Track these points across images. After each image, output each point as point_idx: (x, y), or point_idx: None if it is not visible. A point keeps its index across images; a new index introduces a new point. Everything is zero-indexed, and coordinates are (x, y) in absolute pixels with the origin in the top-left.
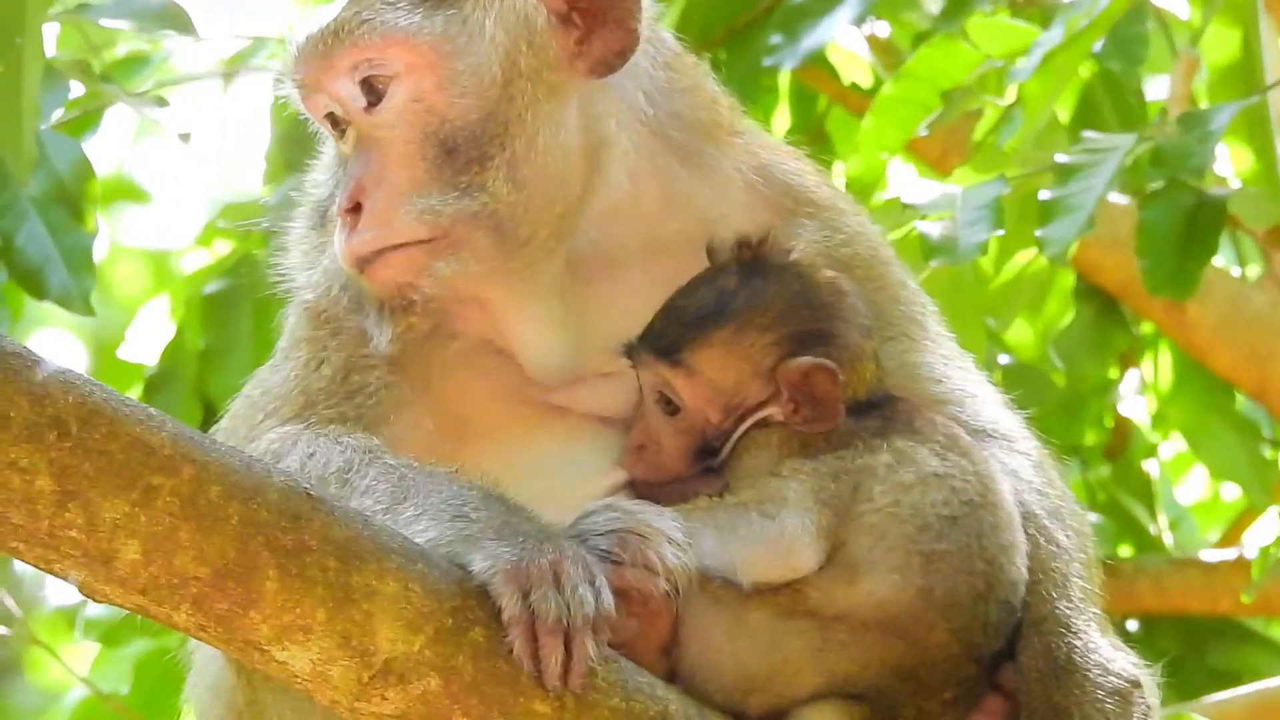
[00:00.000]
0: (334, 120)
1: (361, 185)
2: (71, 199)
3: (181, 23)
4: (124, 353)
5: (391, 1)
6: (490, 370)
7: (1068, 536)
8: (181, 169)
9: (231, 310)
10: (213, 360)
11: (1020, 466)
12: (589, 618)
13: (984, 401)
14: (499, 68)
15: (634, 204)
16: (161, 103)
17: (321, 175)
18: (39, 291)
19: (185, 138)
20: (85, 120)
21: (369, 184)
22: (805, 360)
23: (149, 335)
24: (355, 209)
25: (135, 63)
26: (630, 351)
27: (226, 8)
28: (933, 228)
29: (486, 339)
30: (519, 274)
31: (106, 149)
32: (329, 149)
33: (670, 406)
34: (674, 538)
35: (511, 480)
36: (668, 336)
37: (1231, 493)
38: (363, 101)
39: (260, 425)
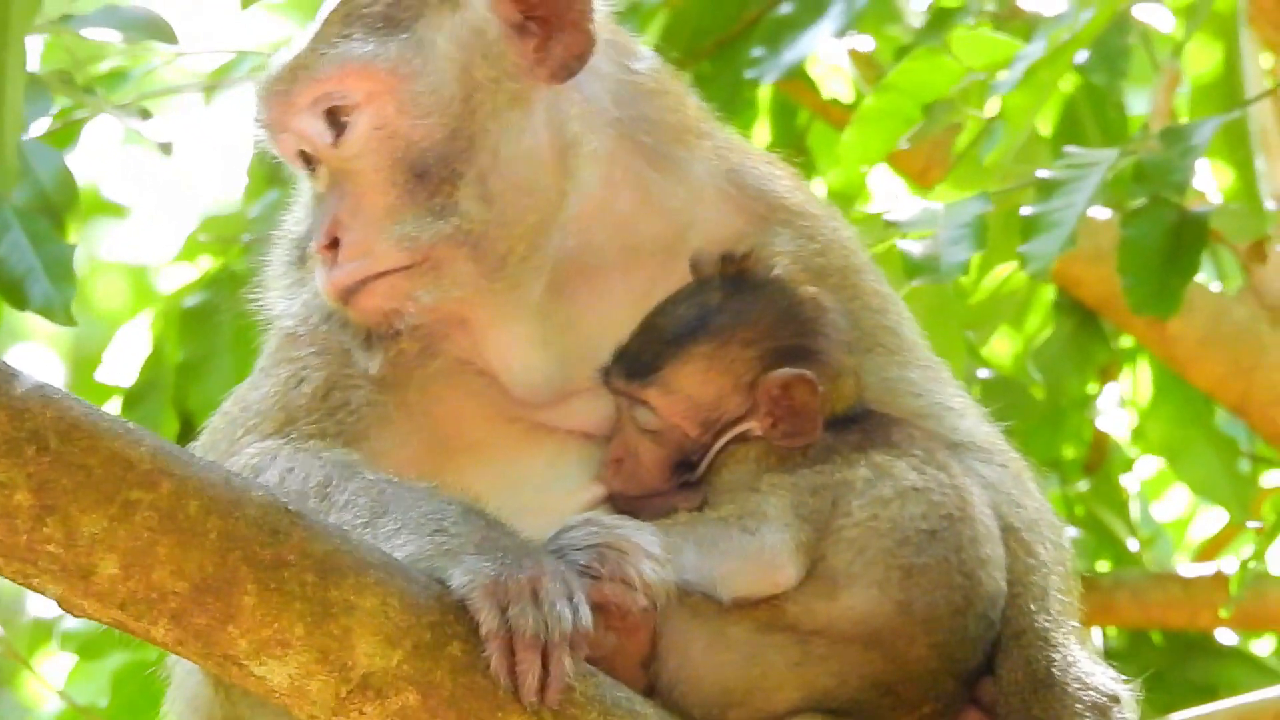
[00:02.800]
0: (305, 159)
1: (337, 219)
2: (54, 210)
3: (165, 34)
4: (101, 374)
5: (346, 33)
6: (477, 389)
7: (1046, 549)
8: (162, 182)
9: (210, 323)
10: (191, 373)
11: (998, 479)
12: (566, 633)
13: (961, 414)
14: (456, 83)
15: (608, 209)
16: (145, 115)
17: (299, 212)
18: (20, 303)
19: (167, 149)
20: (66, 132)
21: (344, 217)
22: (785, 372)
23: (126, 355)
24: (333, 244)
25: (118, 76)
26: (605, 374)
27: (209, 21)
28: (914, 246)
29: (470, 359)
30: (502, 293)
31: (87, 163)
32: (306, 185)
33: (647, 421)
34: (653, 552)
35: (495, 496)
36: (645, 356)
37: (1208, 518)
38: (329, 136)
39: (240, 441)
